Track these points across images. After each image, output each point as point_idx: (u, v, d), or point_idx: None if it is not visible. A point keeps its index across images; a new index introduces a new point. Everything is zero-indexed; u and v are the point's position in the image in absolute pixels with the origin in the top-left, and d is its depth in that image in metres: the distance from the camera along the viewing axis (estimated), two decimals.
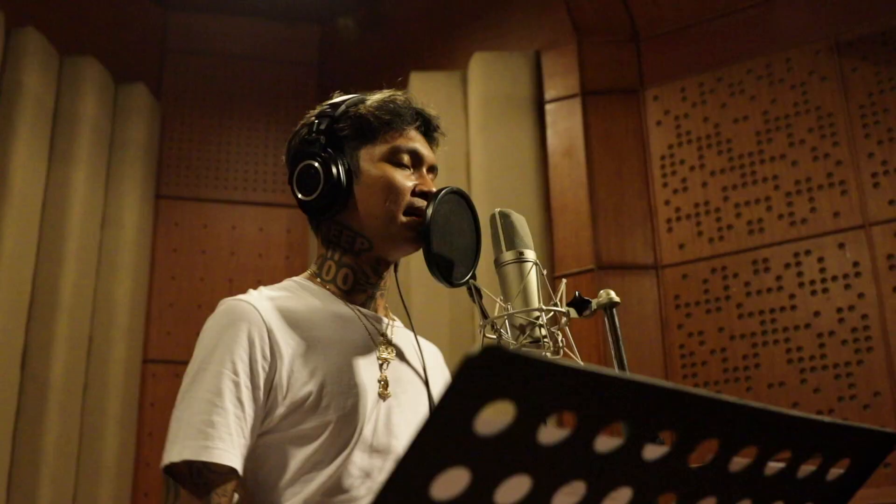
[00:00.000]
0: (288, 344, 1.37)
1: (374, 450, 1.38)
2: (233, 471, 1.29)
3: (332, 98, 1.56)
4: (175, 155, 4.44)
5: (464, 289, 1.49)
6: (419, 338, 1.61)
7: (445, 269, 1.44)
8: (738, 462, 0.78)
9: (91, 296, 3.87)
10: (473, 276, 1.49)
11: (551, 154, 3.88)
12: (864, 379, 3.13)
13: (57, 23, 3.99)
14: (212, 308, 1.43)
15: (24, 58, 3.73)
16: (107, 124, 4.12)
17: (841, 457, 0.89)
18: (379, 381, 1.43)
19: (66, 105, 3.92)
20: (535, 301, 1.37)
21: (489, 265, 1.48)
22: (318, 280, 1.52)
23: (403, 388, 1.47)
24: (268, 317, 1.37)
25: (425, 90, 4.12)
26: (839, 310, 3.23)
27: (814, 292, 3.29)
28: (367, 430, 1.37)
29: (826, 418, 0.82)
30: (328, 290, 1.50)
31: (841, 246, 3.29)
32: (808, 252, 3.34)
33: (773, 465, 0.82)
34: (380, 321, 1.51)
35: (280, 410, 1.33)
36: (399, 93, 1.56)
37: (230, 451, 1.28)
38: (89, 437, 3.69)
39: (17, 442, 3.43)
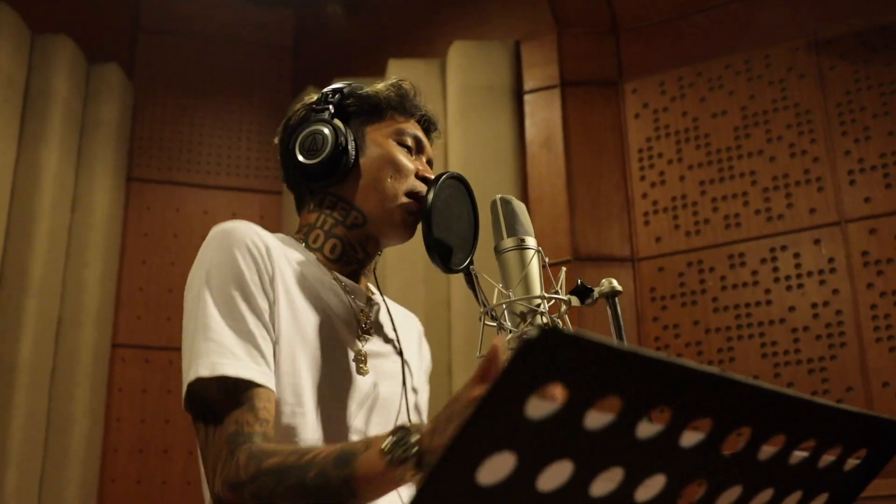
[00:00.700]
0: (281, 289, 1.34)
1: (339, 423, 1.36)
2: (269, 388, 1.27)
3: (334, 84, 1.56)
4: (147, 137, 4.37)
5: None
6: (398, 307, 1.60)
7: (444, 255, 1.43)
8: (767, 451, 0.78)
9: (60, 279, 3.80)
10: (471, 263, 1.49)
11: (529, 144, 3.88)
12: (837, 374, 3.17)
13: (29, 0, 3.91)
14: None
15: None
16: (79, 104, 4.04)
17: (860, 447, 0.89)
18: (358, 357, 1.41)
19: (38, 84, 3.84)
20: (537, 288, 1.36)
21: (482, 254, 1.48)
22: (304, 246, 1.48)
23: (379, 365, 1.45)
24: (268, 246, 1.34)
25: (403, 77, 4.08)
26: (814, 305, 3.26)
27: (789, 287, 3.33)
28: (340, 406, 1.35)
29: (855, 409, 0.81)
30: (314, 255, 1.46)
31: (816, 242, 3.32)
32: (783, 248, 3.37)
33: (798, 454, 0.82)
34: (361, 295, 1.48)
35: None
36: (406, 81, 1.57)
37: (258, 368, 1.26)
38: (57, 421, 3.63)
39: None
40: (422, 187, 1.47)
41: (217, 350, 1.25)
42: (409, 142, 1.51)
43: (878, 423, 0.87)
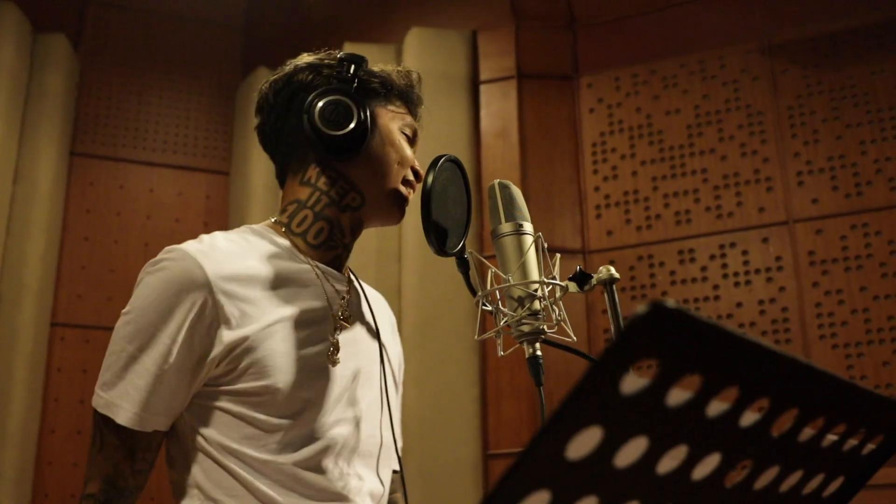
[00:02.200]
0: (234, 301, 1.31)
1: (322, 414, 1.35)
2: (157, 433, 1.31)
3: (335, 52, 1.53)
4: (93, 111, 4.26)
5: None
6: (370, 289, 1.60)
7: (440, 238, 1.43)
8: (807, 433, 0.80)
9: (0, 253, 3.68)
10: (464, 247, 1.49)
11: (484, 134, 3.89)
12: None
13: None
14: (126, 272, 1.39)
15: None
16: (23, 74, 3.92)
17: (880, 432, 0.92)
18: (331, 346, 1.39)
19: None
20: (535, 273, 1.37)
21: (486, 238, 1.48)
22: (284, 231, 1.45)
23: (356, 352, 1.44)
24: (213, 270, 1.30)
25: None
26: (760, 302, 3.35)
27: (737, 284, 3.41)
28: (317, 396, 1.34)
29: (890, 397, 0.84)
30: (293, 243, 1.44)
31: (765, 240, 3.40)
32: (732, 245, 3.45)
33: (830, 437, 0.85)
34: (340, 280, 1.47)
35: (225, 365, 1.30)
36: (413, 71, 1.56)
37: (154, 416, 1.28)
38: None
39: None
40: (412, 178, 1.49)
41: (121, 392, 1.29)
42: (409, 132, 1.52)
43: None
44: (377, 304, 1.59)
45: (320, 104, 1.41)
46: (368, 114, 1.43)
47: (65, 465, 3.76)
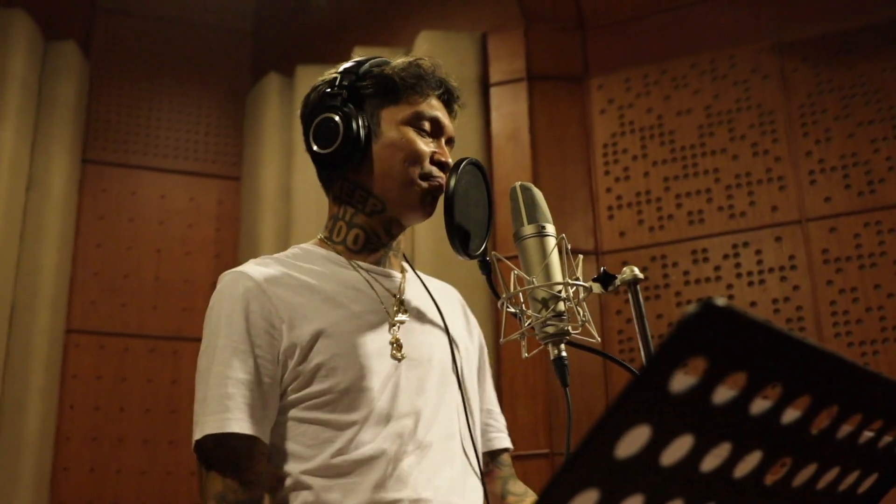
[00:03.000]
0: (289, 308, 1.35)
1: (392, 410, 1.36)
2: (254, 438, 1.29)
3: (354, 58, 1.54)
4: (104, 118, 4.27)
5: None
6: (435, 281, 1.60)
7: (463, 241, 1.43)
8: (845, 429, 0.80)
9: (14, 261, 3.70)
10: (486, 249, 1.49)
11: (495, 137, 3.89)
12: None
13: None
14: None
15: None
16: (35, 82, 3.94)
17: None
18: (391, 343, 1.40)
19: None
20: (559, 275, 1.37)
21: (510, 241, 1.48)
22: (328, 243, 1.49)
23: (421, 345, 1.44)
24: (266, 283, 1.36)
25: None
26: (775, 301, 3.35)
27: (751, 283, 3.40)
28: (381, 392, 1.35)
29: None
30: (337, 252, 1.47)
31: (778, 239, 3.40)
32: (745, 244, 3.45)
33: (867, 434, 0.85)
34: (391, 279, 1.48)
35: (289, 375, 1.33)
36: (426, 58, 1.54)
37: (247, 419, 1.28)
38: (9, 408, 3.54)
39: None
40: (437, 172, 1.47)
41: (207, 408, 1.30)
42: (426, 125, 1.49)
43: None
44: (443, 296, 1.59)
45: (313, 126, 1.46)
46: (361, 122, 1.43)
47: (81, 472, 3.77)
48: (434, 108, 1.51)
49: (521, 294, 1.39)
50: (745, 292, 3.41)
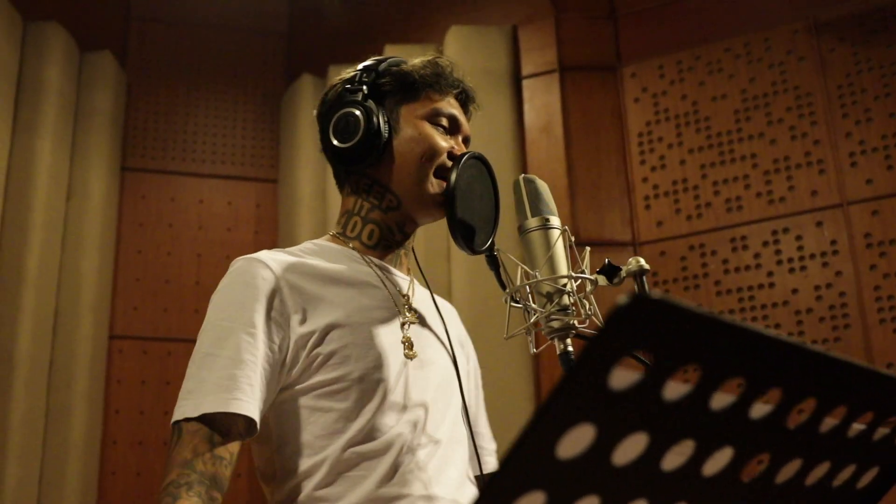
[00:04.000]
0: (303, 296, 1.34)
1: (402, 407, 1.35)
2: (251, 422, 1.26)
3: (371, 58, 1.54)
4: (141, 126, 4.33)
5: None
6: (436, 296, 1.59)
7: (468, 236, 1.42)
8: (829, 423, 0.77)
9: (56, 269, 3.76)
10: (493, 244, 1.47)
11: (529, 129, 3.86)
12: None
13: None
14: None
15: None
16: (72, 93, 4.00)
17: None
18: (403, 342, 1.40)
19: (31, 72, 3.80)
20: (563, 268, 1.34)
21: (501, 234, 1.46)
22: (341, 238, 1.49)
23: (428, 349, 1.44)
24: (280, 270, 1.35)
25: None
26: (817, 287, 3.26)
27: (792, 270, 3.32)
28: (393, 387, 1.34)
29: None
30: (351, 247, 1.47)
31: (819, 224, 3.32)
32: (786, 230, 3.37)
33: (856, 427, 0.81)
34: (402, 279, 1.49)
35: (300, 364, 1.31)
36: (443, 57, 1.55)
37: (251, 402, 1.25)
38: (56, 413, 3.60)
39: None
40: (449, 163, 1.47)
41: (207, 387, 1.26)
42: (444, 122, 1.50)
43: None
44: (444, 306, 1.60)
45: (333, 120, 1.46)
46: (381, 117, 1.44)
47: (128, 475, 3.82)
48: (452, 105, 1.53)
49: (527, 289, 1.36)
50: (786, 279, 3.33)
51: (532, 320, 1.33)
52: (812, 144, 3.40)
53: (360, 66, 1.51)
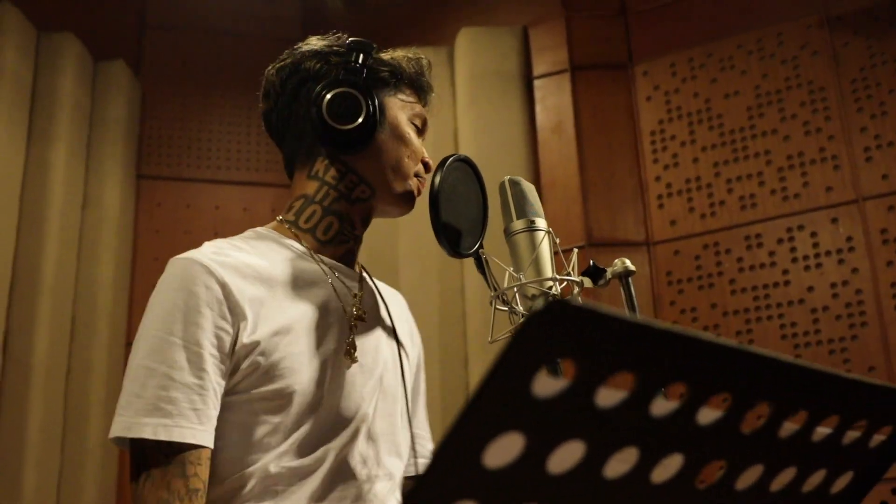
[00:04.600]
0: (247, 303, 1.26)
1: (342, 418, 1.31)
2: (200, 446, 1.21)
3: (344, 36, 1.49)
4: (156, 134, 4.35)
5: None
6: (384, 285, 1.56)
7: (453, 239, 1.40)
8: (788, 427, 0.75)
9: (73, 277, 3.79)
10: (481, 247, 1.45)
11: (540, 130, 3.84)
12: (858, 354, 3.12)
13: None
14: None
15: (0, 35, 3.64)
16: (86, 102, 4.03)
17: (886, 422, 0.86)
18: (347, 345, 1.35)
19: (45, 83, 3.83)
20: (549, 270, 1.33)
21: (494, 237, 1.45)
22: (291, 228, 1.43)
23: (373, 350, 1.40)
24: (223, 276, 1.26)
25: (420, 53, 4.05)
26: (833, 285, 3.22)
27: (807, 267, 3.28)
28: (333, 398, 1.31)
29: (882, 382, 0.78)
30: (300, 242, 1.41)
31: (834, 221, 3.27)
32: (800, 227, 3.32)
33: (821, 431, 0.79)
34: (351, 278, 1.44)
35: (241, 371, 1.25)
36: (423, 56, 1.53)
37: (193, 426, 1.20)
38: (73, 421, 3.63)
39: (1, 426, 3.36)
40: (423, 171, 1.47)
41: (146, 408, 1.20)
42: (418, 122, 1.49)
43: None
44: (393, 302, 1.56)
45: (328, 96, 1.38)
46: (377, 106, 1.40)
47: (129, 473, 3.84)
48: (426, 109, 1.51)
49: (512, 291, 1.35)
50: (801, 277, 3.28)
51: (519, 323, 1.31)
52: (826, 140, 3.36)
53: (351, 43, 1.44)
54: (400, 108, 1.45)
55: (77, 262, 3.83)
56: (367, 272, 1.52)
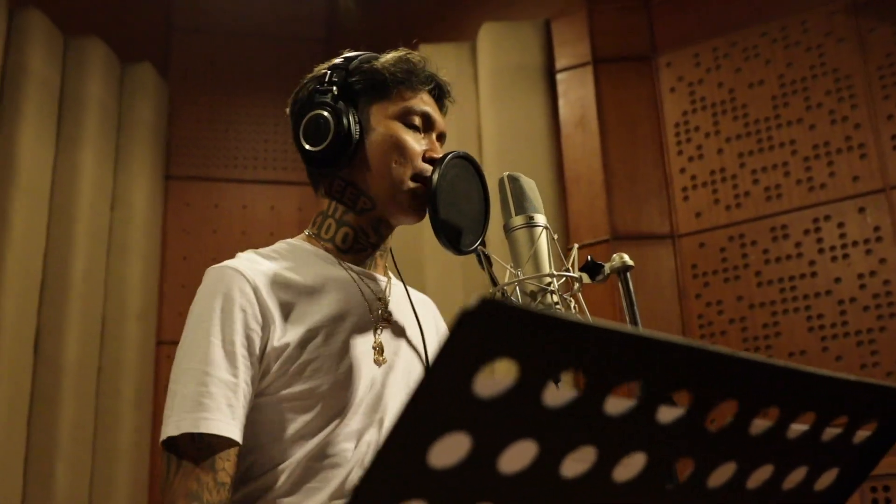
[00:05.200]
0: (278, 307, 1.32)
1: (369, 416, 1.34)
2: (232, 441, 1.25)
3: (342, 54, 1.51)
4: (184, 135, 4.40)
5: (477, 264, 1.44)
6: (414, 291, 1.57)
7: (453, 237, 1.39)
8: (759, 425, 0.74)
9: (102, 278, 3.85)
10: (483, 244, 1.45)
11: (564, 124, 3.82)
12: (887, 345, 3.07)
13: (60, 3, 3.95)
14: None
15: (27, 40, 3.69)
16: (114, 105, 4.08)
17: (868, 419, 0.85)
18: (374, 347, 1.39)
19: (72, 87, 3.88)
20: (547, 266, 1.32)
21: (500, 232, 1.44)
22: (316, 240, 1.47)
23: (400, 351, 1.43)
24: (256, 281, 1.32)
25: (435, 62, 4.05)
26: (860, 275, 3.17)
27: (834, 258, 3.23)
28: (361, 397, 1.33)
29: (853, 377, 0.77)
30: (325, 249, 1.45)
31: (861, 210, 3.22)
32: (827, 217, 3.28)
33: (797, 428, 0.78)
34: (377, 282, 1.47)
35: (272, 374, 1.30)
36: (414, 52, 1.51)
37: (228, 421, 1.24)
38: (104, 420, 3.68)
39: (33, 426, 3.42)
40: (428, 169, 1.42)
41: (184, 405, 1.24)
42: (417, 121, 1.46)
43: (884, 392, 0.83)
44: (422, 307, 1.57)
45: (303, 123, 1.43)
46: (352, 118, 1.41)
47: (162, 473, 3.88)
48: (425, 103, 1.49)
49: (515, 288, 1.34)
50: (828, 268, 3.23)
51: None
52: (853, 128, 3.30)
53: (330, 64, 1.48)
54: (387, 112, 1.45)
55: (106, 262, 3.88)
56: (401, 278, 1.53)
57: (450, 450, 0.58)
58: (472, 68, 4.05)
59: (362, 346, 1.37)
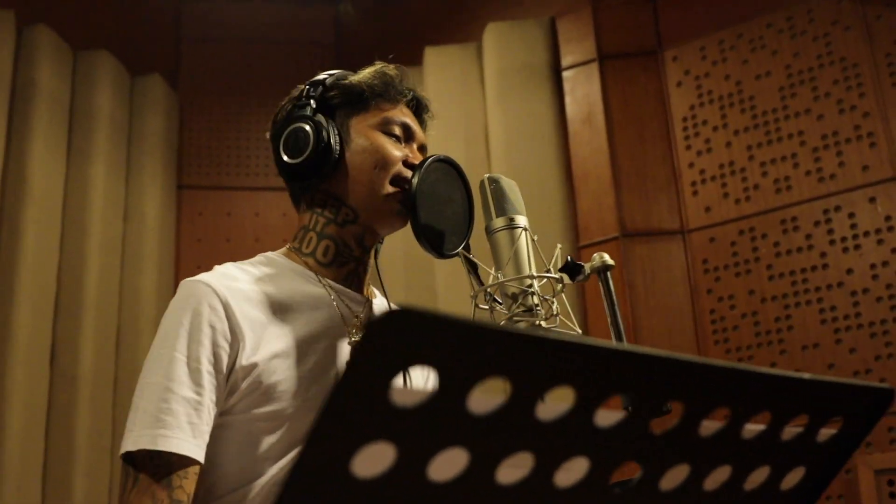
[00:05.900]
0: (249, 325, 1.29)
1: None
2: (191, 459, 1.22)
3: (318, 76, 1.53)
4: (195, 144, 4.43)
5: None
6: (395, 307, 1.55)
7: (435, 240, 1.39)
8: (709, 426, 0.73)
9: (117, 289, 3.88)
10: (466, 247, 1.44)
11: (571, 122, 3.80)
12: None
13: (68, 18, 3.99)
14: None
15: (37, 55, 3.73)
16: (124, 117, 4.11)
17: (831, 416, 0.83)
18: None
19: (82, 101, 3.92)
20: (527, 268, 1.32)
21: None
22: (296, 254, 1.46)
23: None
24: (227, 297, 1.29)
25: (440, 64, 4.06)
26: (872, 266, 3.13)
27: (845, 249, 3.19)
28: None
29: (807, 375, 0.76)
30: (305, 265, 1.43)
31: (872, 200, 3.18)
32: (837, 208, 3.24)
33: (752, 428, 0.77)
34: (356, 301, 1.45)
35: (239, 392, 1.27)
36: (391, 66, 1.52)
37: (188, 439, 1.22)
38: (121, 430, 3.67)
39: (50, 437, 3.45)
40: (408, 174, 1.42)
41: (145, 420, 1.24)
42: (397, 130, 1.46)
43: (844, 389, 0.82)
44: None
45: (282, 137, 1.44)
46: (331, 130, 1.41)
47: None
48: (404, 114, 1.50)
49: (496, 290, 1.34)
50: (839, 259, 3.20)
51: (501, 323, 1.30)
52: (861, 117, 3.26)
53: (307, 83, 1.50)
54: (366, 123, 1.45)
55: (120, 273, 3.91)
56: (385, 293, 1.51)
57: (374, 459, 0.57)
58: (478, 69, 4.05)
59: (335, 368, 1.35)
